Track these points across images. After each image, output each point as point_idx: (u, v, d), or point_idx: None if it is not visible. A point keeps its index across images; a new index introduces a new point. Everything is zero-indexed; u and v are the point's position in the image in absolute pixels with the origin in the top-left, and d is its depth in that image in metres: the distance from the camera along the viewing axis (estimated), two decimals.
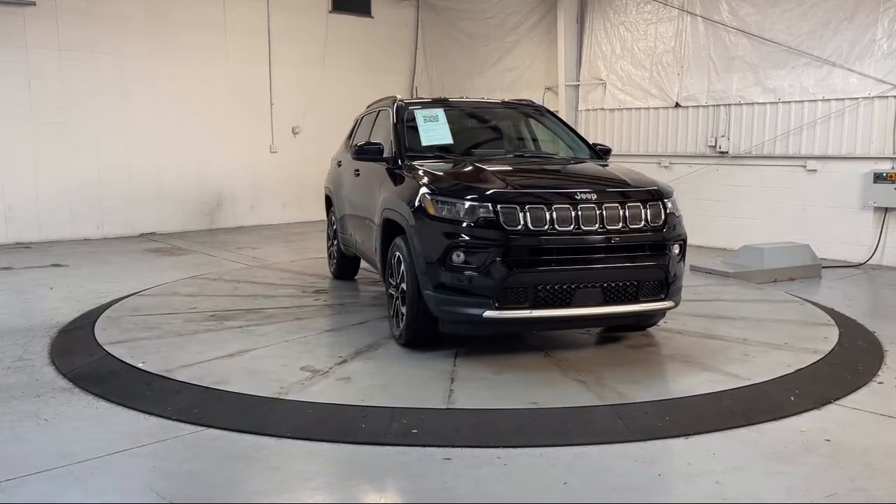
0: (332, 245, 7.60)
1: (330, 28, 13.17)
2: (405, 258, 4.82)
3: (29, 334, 5.60)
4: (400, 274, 4.94)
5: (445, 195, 4.62)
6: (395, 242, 5.07)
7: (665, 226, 4.71)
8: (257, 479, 3.27)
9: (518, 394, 4.20)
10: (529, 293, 4.42)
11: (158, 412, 3.98)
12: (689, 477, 3.31)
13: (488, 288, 4.38)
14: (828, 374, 4.62)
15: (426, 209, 4.63)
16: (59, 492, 3.13)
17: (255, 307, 6.20)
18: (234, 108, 12.17)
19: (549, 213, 4.45)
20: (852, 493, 3.15)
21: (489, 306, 4.40)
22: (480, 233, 4.42)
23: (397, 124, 5.78)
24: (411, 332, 4.89)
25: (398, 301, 5.02)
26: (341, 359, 4.78)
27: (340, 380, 4.39)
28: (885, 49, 8.44)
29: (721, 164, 9.92)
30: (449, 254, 4.45)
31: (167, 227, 11.61)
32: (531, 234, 4.41)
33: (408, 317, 4.84)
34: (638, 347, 5.18)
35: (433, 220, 4.58)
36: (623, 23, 11.11)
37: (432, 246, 4.54)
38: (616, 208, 4.58)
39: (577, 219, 4.48)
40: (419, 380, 4.45)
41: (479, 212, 4.45)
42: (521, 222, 4.41)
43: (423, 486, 3.22)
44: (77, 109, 10.68)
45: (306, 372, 4.51)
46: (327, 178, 7.85)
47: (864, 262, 8.63)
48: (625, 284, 4.60)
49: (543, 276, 4.43)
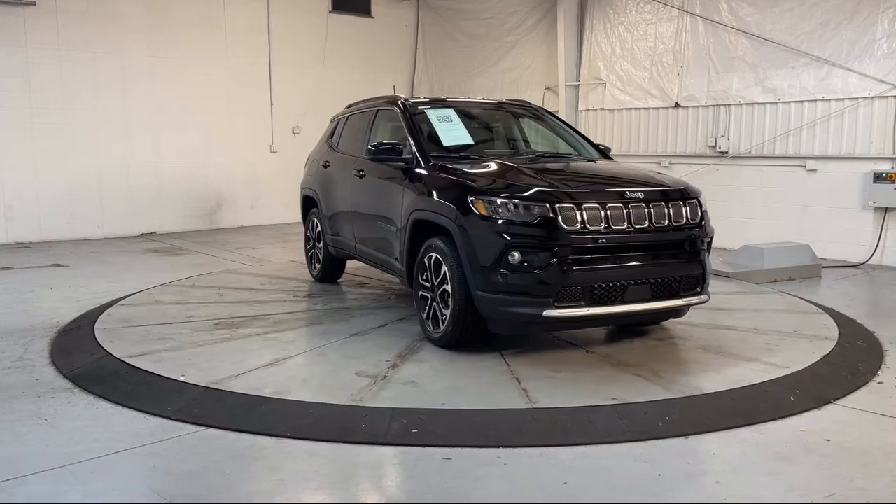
0: (314, 248, 7.44)
1: (330, 28, 13.18)
2: (450, 260, 4.76)
3: (29, 334, 5.60)
4: (440, 275, 4.87)
5: (500, 196, 4.56)
6: (430, 244, 4.99)
7: (702, 223, 4.92)
8: (257, 479, 3.27)
9: (591, 391, 4.24)
10: (586, 291, 4.49)
11: (158, 412, 3.97)
12: (689, 477, 3.31)
13: (548, 287, 4.42)
14: (828, 374, 4.62)
15: (478, 210, 4.58)
16: (59, 492, 3.13)
17: (258, 314, 6.00)
18: (234, 108, 12.17)
19: (604, 211, 4.53)
20: (852, 493, 3.15)
21: (548, 305, 4.44)
22: (539, 233, 4.44)
23: (412, 124, 5.69)
24: (457, 333, 4.83)
25: (436, 302, 4.97)
26: (389, 363, 4.69)
27: (406, 384, 4.31)
28: (885, 49, 8.44)
29: (721, 164, 9.92)
30: (505, 254, 4.43)
31: (167, 227, 11.62)
32: (588, 232, 4.48)
33: (453, 318, 4.78)
34: (666, 340, 5.29)
35: (487, 221, 4.53)
36: (623, 23, 11.11)
37: (487, 247, 4.51)
38: (661, 206, 4.72)
39: (629, 217, 4.59)
40: (485, 381, 4.41)
41: (536, 212, 4.46)
42: (578, 221, 4.47)
43: (423, 486, 3.22)
44: (77, 109, 10.69)
45: (364, 378, 4.41)
46: (307, 180, 7.59)
47: (864, 262, 8.64)
48: (669, 280, 4.75)
49: (599, 274, 4.51)
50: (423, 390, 4.24)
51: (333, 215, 6.91)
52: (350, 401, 4.02)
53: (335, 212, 6.89)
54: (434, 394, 4.18)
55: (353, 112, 7.11)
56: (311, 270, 7.57)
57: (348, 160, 6.59)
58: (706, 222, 4.97)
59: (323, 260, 7.25)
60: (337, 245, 6.93)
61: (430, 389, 4.25)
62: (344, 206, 6.69)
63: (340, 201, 6.76)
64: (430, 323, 5.07)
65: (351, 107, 7.31)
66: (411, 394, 4.18)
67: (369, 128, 6.47)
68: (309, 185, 7.52)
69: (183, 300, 6.51)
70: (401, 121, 5.84)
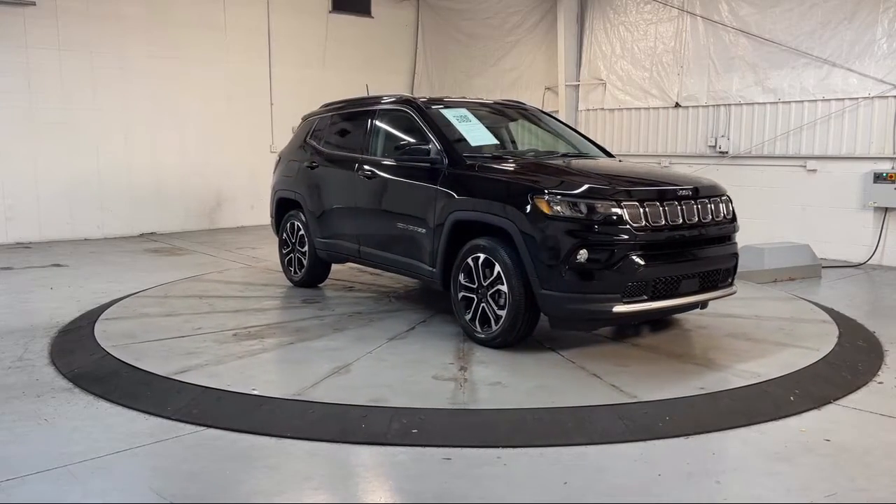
0: (294, 252, 7.12)
1: (330, 28, 13.17)
2: (505, 260, 4.76)
3: (29, 334, 5.60)
4: (492, 275, 4.86)
5: (567, 195, 4.60)
6: (476, 245, 4.98)
7: (734, 218, 5.26)
8: (257, 479, 3.27)
9: (676, 381, 4.37)
10: (648, 286, 4.63)
11: (158, 412, 3.97)
12: (689, 477, 3.31)
13: (617, 284, 4.52)
14: (828, 374, 4.62)
15: (542, 210, 4.59)
16: (59, 492, 3.13)
17: (271, 322, 5.76)
18: (234, 108, 12.17)
19: (662, 208, 4.70)
20: (852, 493, 3.15)
21: (618, 301, 4.53)
22: (607, 230, 4.52)
23: (434, 125, 5.63)
24: (513, 333, 4.86)
25: (485, 303, 4.96)
26: (454, 365, 4.65)
27: (493, 385, 4.29)
28: (884, 49, 8.44)
29: (721, 164, 9.92)
30: (574, 253, 4.48)
31: (167, 227, 11.62)
32: (650, 229, 4.62)
33: (510, 318, 4.79)
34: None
35: (553, 221, 4.55)
36: (623, 23, 11.11)
37: (553, 246, 4.54)
38: (706, 203, 4.98)
39: (682, 213, 4.80)
40: (566, 377, 4.47)
41: (603, 210, 4.54)
42: (642, 219, 4.60)
43: (423, 486, 3.22)
44: (77, 109, 10.68)
45: (444, 381, 4.36)
46: (285, 182, 7.23)
47: (864, 262, 8.64)
48: (711, 272, 5.01)
49: (659, 268, 4.66)
50: (515, 390, 4.24)
51: (326, 218, 6.66)
52: (452, 404, 4.00)
53: (329, 214, 6.63)
54: (527, 392, 4.20)
55: (338, 112, 6.92)
56: (289, 275, 7.26)
57: (347, 160, 6.38)
58: (736, 218, 5.29)
59: (308, 264, 6.96)
60: (330, 248, 6.67)
61: (522, 389, 4.26)
62: (343, 207, 6.47)
63: (337, 203, 6.52)
64: (476, 324, 5.05)
65: (330, 106, 7.10)
66: (507, 394, 4.18)
67: (370, 128, 6.29)
68: (288, 186, 7.17)
69: (172, 311, 6.08)
70: (418, 121, 5.75)
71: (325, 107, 7.22)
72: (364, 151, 6.26)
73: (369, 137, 6.27)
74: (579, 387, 4.31)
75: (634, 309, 4.61)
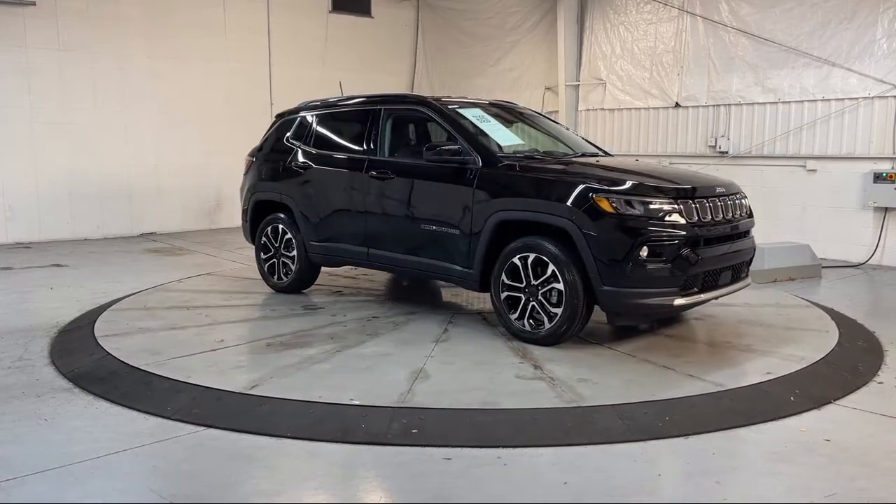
0: (276, 257, 6.80)
1: (330, 28, 13.17)
2: (561, 259, 4.82)
3: (29, 334, 5.60)
4: (548, 274, 4.90)
5: (629, 194, 4.75)
6: (524, 244, 5.02)
7: (751, 214, 5.53)
8: (257, 479, 3.27)
9: (742, 369, 4.57)
10: (699, 278, 4.88)
11: (158, 412, 3.97)
12: (689, 477, 3.31)
13: (677, 277, 4.72)
14: (828, 374, 4.62)
15: (604, 209, 4.69)
16: (59, 492, 3.13)
17: (295, 330, 5.45)
18: (234, 108, 12.17)
19: (708, 205, 4.95)
20: (852, 493, 3.15)
21: (677, 294, 4.75)
22: (667, 226, 4.70)
23: (459, 125, 5.60)
24: (569, 329, 4.95)
25: (534, 302, 5.00)
26: (524, 363, 4.68)
27: (582, 382, 4.34)
28: (884, 49, 8.44)
29: (721, 164, 9.92)
30: (637, 249, 4.62)
31: (167, 227, 11.62)
32: (701, 224, 4.85)
33: (567, 315, 4.87)
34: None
35: (615, 218, 4.67)
36: (623, 23, 11.11)
37: (616, 243, 4.66)
38: (735, 199, 5.28)
39: (721, 210, 5.06)
40: (646, 371, 4.59)
41: (663, 207, 4.72)
42: (694, 214, 4.81)
43: (423, 486, 3.22)
44: (77, 109, 10.68)
45: (531, 380, 4.38)
46: (267, 184, 6.91)
47: (864, 262, 8.64)
48: (739, 265, 5.30)
49: (708, 261, 4.90)
50: (607, 386, 4.30)
51: (323, 220, 6.41)
52: (566, 403, 4.02)
53: (327, 216, 6.38)
54: (621, 388, 4.26)
55: (326, 111, 6.74)
56: (271, 281, 6.92)
57: (350, 161, 6.20)
58: (752, 213, 5.58)
59: (297, 269, 6.66)
60: (328, 252, 6.44)
61: (612, 384, 4.33)
62: (346, 209, 6.25)
63: (339, 205, 6.29)
64: (525, 322, 5.09)
65: (312, 105, 6.90)
66: (603, 390, 4.23)
67: (376, 128, 6.10)
68: (270, 189, 6.87)
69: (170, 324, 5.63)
70: (440, 122, 5.72)
71: (308, 105, 6.98)
72: (372, 152, 6.09)
73: (377, 137, 6.10)
74: (661, 379, 4.43)
75: (690, 301, 4.86)
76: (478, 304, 6.40)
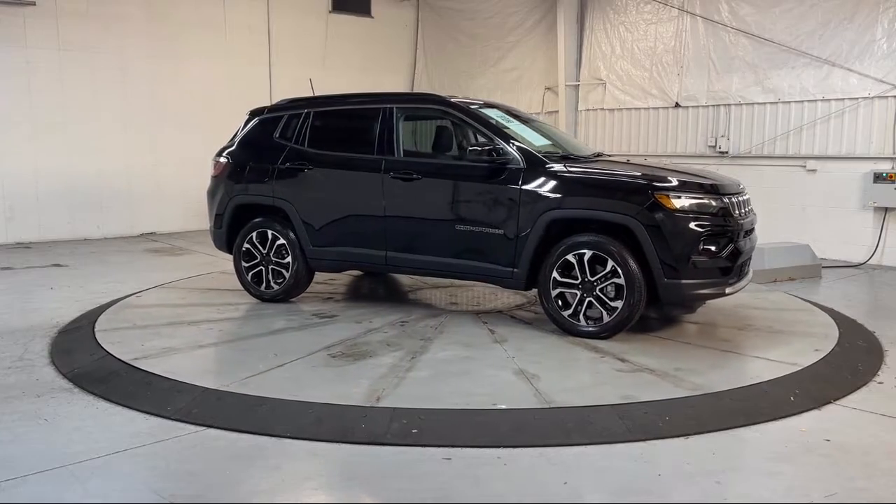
0: (265, 264, 6.38)
1: (330, 28, 13.18)
2: (622, 255, 5.00)
3: (29, 334, 5.60)
4: (607, 269, 5.04)
5: (690, 191, 5.06)
6: (579, 241, 5.14)
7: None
8: (257, 479, 3.27)
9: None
10: (737, 268, 5.22)
11: (158, 412, 3.97)
12: (689, 477, 3.31)
13: (731, 268, 5.13)
14: (828, 374, 4.62)
15: (666, 205, 4.96)
16: (59, 492, 3.13)
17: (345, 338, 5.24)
18: (234, 108, 12.06)
19: (741, 201, 5.34)
20: (852, 493, 3.15)
21: (727, 284, 5.13)
22: (722, 221, 5.07)
23: (492, 126, 5.62)
24: (628, 322, 5.14)
25: (590, 298, 5.15)
26: (605, 358, 4.80)
27: (680, 370, 4.55)
28: (884, 49, 8.44)
29: (721, 165, 9.92)
30: (700, 243, 4.95)
31: (167, 227, 11.62)
32: (741, 218, 5.24)
33: (629, 308, 5.05)
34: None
35: (679, 215, 4.96)
36: (623, 23, 11.11)
37: (681, 238, 4.95)
38: (747, 196, 5.61)
39: (747, 205, 5.50)
40: (711, 359, 4.83)
41: (719, 203, 5.08)
42: (737, 209, 5.21)
43: (423, 486, 3.22)
44: (77, 109, 10.69)
45: (632, 373, 4.51)
46: (253, 187, 6.45)
47: (864, 262, 8.64)
48: (751, 257, 5.60)
49: (745, 254, 5.31)
50: (702, 374, 4.47)
51: (330, 224, 6.11)
52: (691, 391, 4.20)
53: (337, 220, 6.10)
54: (719, 377, 4.43)
55: (324, 109, 6.40)
56: (255, 291, 6.45)
57: (364, 162, 5.93)
58: None
59: (292, 276, 6.27)
60: (335, 257, 6.16)
61: (701, 371, 4.53)
62: (361, 212, 5.98)
63: (353, 208, 6.02)
64: (580, 319, 5.23)
65: (299, 103, 6.53)
66: (706, 379, 4.38)
67: (391, 129, 5.90)
68: (261, 192, 6.40)
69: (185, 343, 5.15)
70: (468, 122, 5.68)
71: (292, 103, 6.61)
72: (388, 152, 5.87)
73: (391, 137, 5.89)
74: (740, 365, 4.77)
75: (736, 289, 5.24)
76: (473, 304, 6.41)
